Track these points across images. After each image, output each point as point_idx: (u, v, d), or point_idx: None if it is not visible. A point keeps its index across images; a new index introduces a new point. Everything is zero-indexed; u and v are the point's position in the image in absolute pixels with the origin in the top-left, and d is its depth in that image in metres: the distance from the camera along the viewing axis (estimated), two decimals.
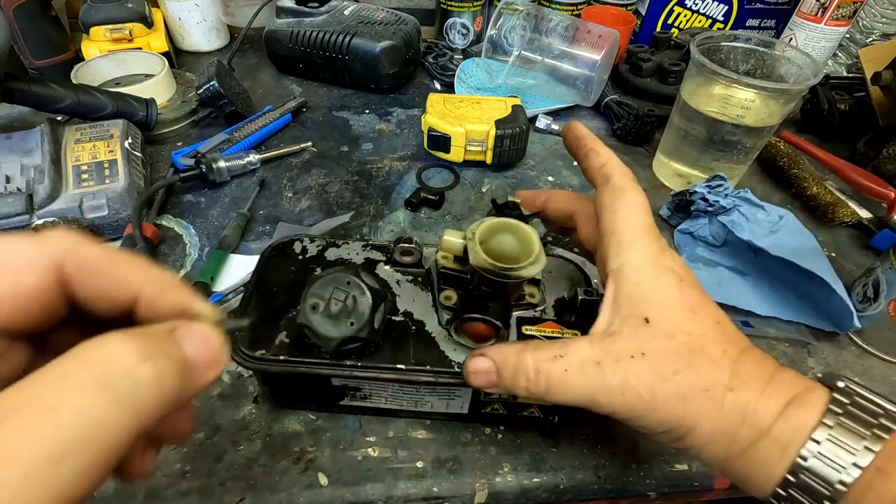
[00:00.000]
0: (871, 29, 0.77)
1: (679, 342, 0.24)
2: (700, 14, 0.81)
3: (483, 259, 0.27)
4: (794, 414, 0.22)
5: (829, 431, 0.21)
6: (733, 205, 0.48)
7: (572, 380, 0.25)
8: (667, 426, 0.24)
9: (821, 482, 0.21)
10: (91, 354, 0.14)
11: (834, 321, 0.43)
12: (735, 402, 0.23)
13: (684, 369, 0.23)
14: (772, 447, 0.22)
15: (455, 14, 0.81)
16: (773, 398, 0.23)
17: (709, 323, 0.25)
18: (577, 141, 0.31)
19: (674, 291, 0.25)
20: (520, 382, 0.26)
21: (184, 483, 0.32)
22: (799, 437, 0.22)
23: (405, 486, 0.33)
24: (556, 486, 0.34)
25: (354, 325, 0.28)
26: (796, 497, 0.22)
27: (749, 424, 0.23)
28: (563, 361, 0.25)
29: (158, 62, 0.64)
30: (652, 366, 0.24)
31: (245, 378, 0.38)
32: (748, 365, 0.24)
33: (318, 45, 0.68)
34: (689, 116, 0.54)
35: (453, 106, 0.59)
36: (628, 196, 0.27)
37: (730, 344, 0.24)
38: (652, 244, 0.26)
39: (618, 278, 0.26)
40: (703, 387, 0.23)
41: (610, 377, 0.24)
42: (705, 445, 0.24)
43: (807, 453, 0.21)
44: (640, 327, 0.25)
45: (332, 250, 0.36)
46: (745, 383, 0.23)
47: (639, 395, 0.24)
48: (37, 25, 0.63)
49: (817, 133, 0.69)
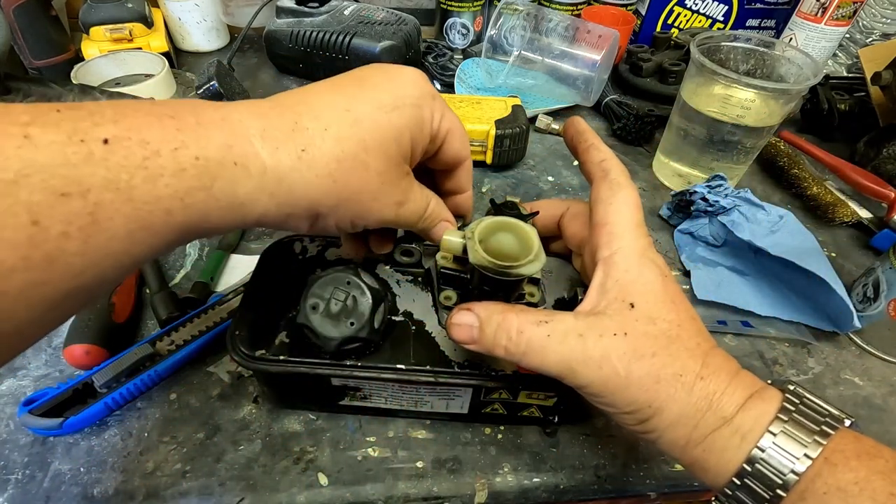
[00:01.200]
0: (871, 29, 0.77)
1: (660, 328, 0.25)
2: (700, 14, 0.81)
3: (483, 258, 0.27)
4: (755, 406, 0.24)
5: (784, 425, 0.23)
6: (733, 205, 0.48)
7: (553, 346, 0.25)
8: (635, 406, 0.25)
9: (775, 471, 0.22)
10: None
11: (834, 321, 0.43)
12: (704, 390, 0.24)
13: (661, 353, 0.25)
14: (733, 435, 0.24)
15: (455, 14, 0.81)
16: (738, 391, 0.24)
17: (686, 315, 0.26)
18: (578, 136, 0.32)
19: (658, 282, 0.26)
20: (500, 341, 0.26)
21: (184, 483, 0.32)
22: (758, 427, 0.23)
23: (405, 486, 0.33)
24: (556, 486, 0.34)
25: (354, 325, 0.28)
26: (749, 485, 0.23)
27: (714, 411, 0.24)
28: (548, 327, 0.26)
29: (158, 62, 0.64)
30: (632, 344, 0.25)
31: (245, 378, 0.38)
32: (717, 359, 0.25)
33: (318, 45, 0.68)
34: (689, 116, 0.54)
35: (453, 106, 0.59)
36: (624, 192, 0.28)
37: (702, 338, 0.26)
38: (641, 238, 0.27)
39: (608, 265, 0.27)
40: (676, 371, 0.24)
41: (591, 349, 0.25)
42: (668, 428, 0.25)
43: (764, 444, 0.23)
44: (624, 310, 0.26)
45: (332, 250, 0.36)
46: (714, 374, 0.25)
47: (615, 370, 0.24)
48: (37, 25, 0.63)
49: (817, 133, 0.69)
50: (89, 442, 0.34)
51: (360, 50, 0.67)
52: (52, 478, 0.32)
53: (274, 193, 0.22)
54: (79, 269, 0.17)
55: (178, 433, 0.34)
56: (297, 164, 0.22)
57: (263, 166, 0.21)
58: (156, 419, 0.35)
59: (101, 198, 0.17)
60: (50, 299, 0.17)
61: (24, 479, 0.32)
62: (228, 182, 0.20)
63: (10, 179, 0.15)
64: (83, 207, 0.16)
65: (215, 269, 0.44)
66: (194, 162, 0.19)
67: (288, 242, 0.37)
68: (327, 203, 0.24)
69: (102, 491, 0.31)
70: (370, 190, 0.25)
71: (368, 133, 0.24)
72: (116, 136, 0.17)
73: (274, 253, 0.36)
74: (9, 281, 0.15)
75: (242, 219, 0.21)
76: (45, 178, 0.16)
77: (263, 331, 0.31)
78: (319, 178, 0.23)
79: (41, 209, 0.15)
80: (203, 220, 0.20)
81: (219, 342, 0.39)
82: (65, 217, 0.16)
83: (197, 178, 0.19)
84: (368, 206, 0.25)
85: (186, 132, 0.19)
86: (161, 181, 0.18)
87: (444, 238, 0.29)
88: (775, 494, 0.22)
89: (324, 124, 0.23)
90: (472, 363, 0.31)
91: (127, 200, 0.17)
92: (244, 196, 0.21)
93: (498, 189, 0.58)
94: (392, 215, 0.26)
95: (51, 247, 0.16)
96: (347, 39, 0.67)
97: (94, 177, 0.16)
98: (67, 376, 0.37)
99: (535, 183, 0.59)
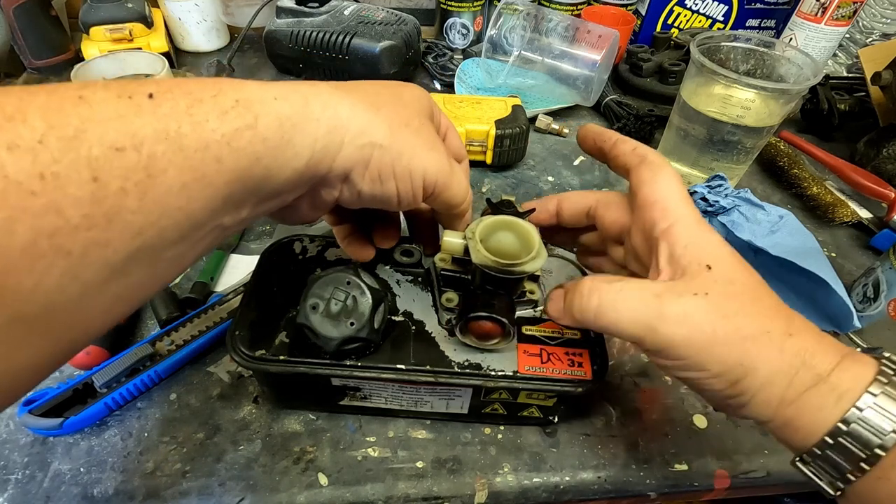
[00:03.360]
0: (871, 29, 0.77)
1: (739, 288, 0.25)
2: (700, 14, 0.81)
3: (486, 257, 0.27)
4: (851, 367, 0.23)
5: (885, 387, 0.22)
6: (733, 205, 0.48)
7: (627, 304, 0.25)
8: (724, 366, 0.24)
9: (875, 431, 0.22)
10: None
11: (834, 321, 0.43)
12: (795, 347, 0.23)
13: (746, 311, 0.24)
14: (829, 393, 0.23)
15: (455, 14, 0.81)
16: (829, 350, 0.24)
17: (759, 279, 0.26)
18: (600, 136, 0.32)
19: (725, 246, 0.26)
20: (574, 304, 0.26)
21: (184, 483, 0.32)
22: (857, 387, 0.22)
23: (405, 486, 0.33)
24: (556, 486, 0.34)
25: (354, 325, 0.28)
26: (844, 444, 0.22)
27: (808, 368, 0.23)
28: (620, 284, 0.25)
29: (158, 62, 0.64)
30: (714, 303, 0.24)
31: (245, 378, 0.38)
32: (801, 320, 0.25)
33: (318, 45, 0.68)
34: (689, 116, 0.54)
35: (453, 106, 0.59)
36: (665, 170, 0.28)
37: (779, 301, 0.25)
38: (694, 209, 0.27)
39: (670, 235, 0.26)
40: (764, 328, 0.24)
41: (669, 308, 0.24)
42: (761, 388, 0.24)
43: (863, 403, 0.22)
44: (702, 272, 0.25)
45: (332, 250, 0.36)
46: (801, 332, 0.24)
47: (700, 327, 0.24)
48: (37, 25, 0.63)
49: (817, 133, 0.69)
50: (89, 442, 0.34)
51: (360, 50, 0.66)
52: (52, 478, 0.32)
53: (320, 119, 0.22)
54: (137, 227, 0.17)
55: (178, 433, 0.34)
56: (337, 92, 0.23)
57: (304, 96, 0.22)
58: (156, 419, 0.35)
59: (154, 149, 0.17)
60: (112, 263, 0.17)
61: (24, 479, 0.32)
62: (271, 116, 0.20)
63: (70, 136, 0.15)
64: (138, 161, 0.16)
65: (215, 269, 0.44)
66: (234, 104, 0.19)
67: (288, 242, 0.37)
68: (379, 129, 0.23)
69: (102, 491, 0.31)
70: (419, 132, 0.25)
71: (394, 96, 0.26)
72: (160, 91, 0.18)
73: (274, 253, 0.36)
74: (73, 239, 0.15)
75: (293, 158, 0.21)
76: (101, 133, 0.16)
77: (263, 331, 0.31)
78: (365, 102, 0.23)
79: (100, 164, 0.16)
80: (254, 164, 0.20)
81: (219, 342, 0.39)
82: (122, 172, 0.16)
83: (240, 117, 0.19)
84: (422, 153, 0.25)
85: (224, 84, 0.20)
86: (207, 126, 0.18)
87: (444, 239, 0.29)
88: (873, 454, 0.22)
89: (348, 84, 0.25)
90: (472, 363, 0.31)
91: (178, 150, 0.17)
92: (290, 127, 0.21)
93: (498, 189, 0.58)
94: (447, 167, 0.26)
95: (110, 203, 0.16)
96: (347, 39, 0.67)
97: (145, 128, 0.17)
98: (67, 376, 0.37)
99: (535, 183, 0.59)
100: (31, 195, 0.14)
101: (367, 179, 0.24)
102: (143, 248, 0.17)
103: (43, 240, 0.15)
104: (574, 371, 0.31)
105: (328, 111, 0.22)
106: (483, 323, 0.29)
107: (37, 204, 0.15)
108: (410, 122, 0.25)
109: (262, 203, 0.22)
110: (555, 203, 0.33)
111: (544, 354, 0.32)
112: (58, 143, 0.15)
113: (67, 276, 0.16)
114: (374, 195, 0.25)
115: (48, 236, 0.15)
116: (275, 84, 0.21)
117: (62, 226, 0.15)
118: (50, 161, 0.15)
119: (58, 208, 0.15)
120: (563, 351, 0.32)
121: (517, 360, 0.31)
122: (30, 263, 0.15)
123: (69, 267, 0.16)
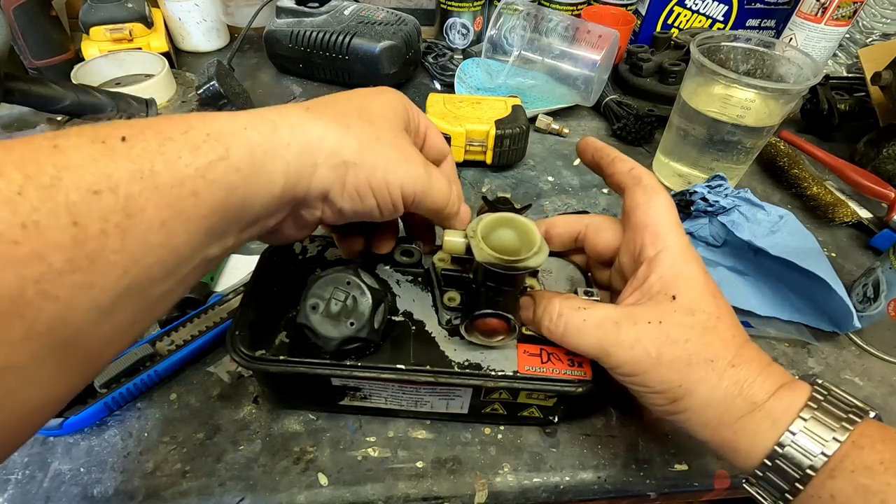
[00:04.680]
0: (871, 29, 0.77)
1: (697, 319, 0.27)
2: (700, 14, 0.81)
3: (489, 254, 0.27)
4: (786, 395, 0.26)
5: (814, 412, 0.25)
6: (733, 205, 0.48)
7: (588, 330, 0.28)
8: (665, 385, 0.26)
9: (805, 453, 0.24)
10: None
11: (834, 321, 0.43)
12: (735, 376, 0.26)
13: (695, 340, 0.26)
14: (764, 419, 0.25)
15: (455, 14, 0.81)
16: (768, 381, 0.26)
17: (725, 310, 0.28)
18: (598, 151, 0.34)
19: (700, 276, 0.28)
20: (544, 321, 0.30)
21: (184, 483, 0.32)
22: (789, 414, 0.25)
23: (405, 487, 0.33)
24: (556, 486, 0.34)
25: (354, 325, 0.28)
26: (780, 466, 0.25)
27: (745, 397, 0.26)
28: (585, 313, 0.28)
29: (158, 62, 0.64)
30: (665, 331, 0.26)
31: (245, 378, 0.38)
32: (750, 351, 0.27)
33: (318, 45, 0.68)
34: (689, 116, 0.54)
35: (453, 106, 0.59)
36: (660, 195, 0.30)
37: (738, 331, 0.28)
38: (683, 237, 0.29)
39: (654, 263, 0.29)
40: (709, 357, 0.26)
41: (624, 334, 0.27)
42: (698, 409, 0.26)
43: (795, 428, 0.24)
44: (665, 301, 0.27)
45: (332, 250, 0.36)
46: (745, 363, 0.26)
47: (647, 351, 0.26)
48: (37, 25, 0.63)
49: (817, 133, 0.69)
50: (89, 442, 0.34)
51: (360, 50, 0.66)
52: (52, 478, 0.32)
53: (290, 143, 0.22)
54: (122, 267, 0.17)
55: (178, 433, 0.34)
56: (305, 114, 0.23)
57: (273, 123, 0.22)
58: (156, 419, 0.35)
59: (130, 190, 0.17)
60: (101, 304, 0.17)
61: (24, 479, 0.32)
62: (243, 146, 0.20)
63: (47, 184, 0.16)
64: (115, 202, 0.17)
65: (215, 269, 0.44)
66: (206, 138, 0.20)
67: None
68: (349, 147, 0.24)
69: (102, 491, 0.31)
70: (391, 144, 0.26)
71: (363, 110, 0.26)
72: (132, 133, 0.18)
73: (274, 253, 0.36)
74: (59, 284, 0.16)
75: (268, 185, 0.22)
76: (77, 179, 0.16)
77: (263, 331, 0.31)
78: (334, 121, 0.24)
79: (78, 208, 0.16)
80: (230, 194, 0.20)
81: (219, 342, 0.39)
82: (101, 214, 0.16)
83: (212, 150, 0.20)
84: (396, 167, 0.25)
85: (194, 120, 0.20)
86: (180, 162, 0.19)
87: (445, 239, 0.29)
88: (805, 474, 0.24)
89: (319, 102, 0.26)
90: (472, 363, 0.31)
91: (154, 188, 0.18)
92: (261, 155, 0.21)
93: (498, 189, 0.58)
94: (423, 177, 0.27)
95: (92, 246, 0.16)
96: (347, 39, 0.67)
97: (119, 171, 0.17)
98: None
99: (535, 183, 0.59)
100: (14, 244, 0.15)
101: (347, 197, 0.25)
102: (132, 287, 0.18)
103: (29, 286, 0.15)
104: (574, 371, 0.31)
105: (297, 135, 0.22)
106: (489, 320, 0.29)
107: (21, 252, 0.15)
108: (381, 136, 0.25)
109: (246, 230, 0.22)
110: (543, 228, 0.35)
111: (544, 354, 0.32)
112: (36, 192, 0.15)
113: (57, 320, 0.16)
114: (356, 211, 0.26)
115: (34, 282, 0.15)
116: (244, 113, 0.22)
117: (46, 271, 0.15)
118: (30, 210, 0.15)
119: (41, 255, 0.15)
120: (564, 351, 0.32)
121: (517, 359, 0.31)
122: (20, 310, 0.15)
123: (57, 311, 0.16)
